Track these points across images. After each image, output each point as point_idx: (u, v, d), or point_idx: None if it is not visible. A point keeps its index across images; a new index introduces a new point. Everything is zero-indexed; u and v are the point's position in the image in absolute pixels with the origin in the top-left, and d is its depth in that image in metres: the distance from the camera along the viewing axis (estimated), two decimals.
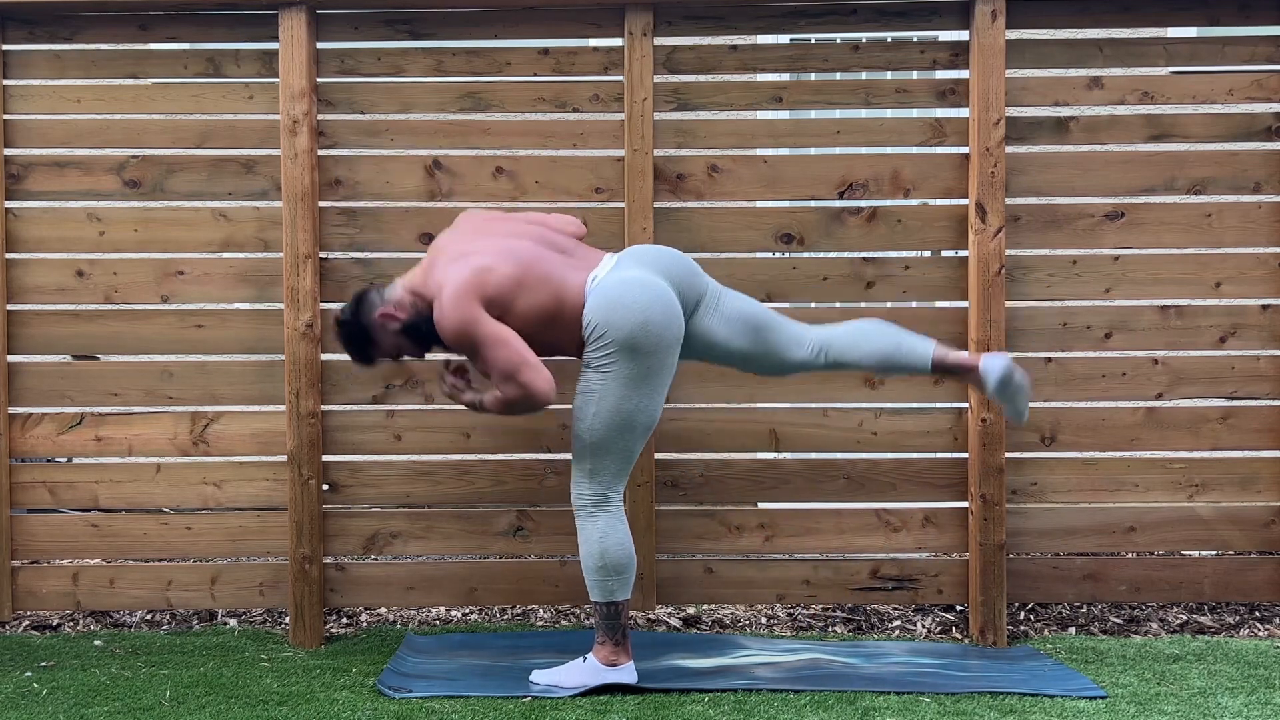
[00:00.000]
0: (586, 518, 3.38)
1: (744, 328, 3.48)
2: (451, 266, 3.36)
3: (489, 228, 3.52)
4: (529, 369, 3.29)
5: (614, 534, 3.37)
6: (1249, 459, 4.08)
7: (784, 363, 3.51)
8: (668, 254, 3.49)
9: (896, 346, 3.47)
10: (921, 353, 3.46)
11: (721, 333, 3.47)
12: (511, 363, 3.29)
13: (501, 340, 3.30)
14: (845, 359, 3.49)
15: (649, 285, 3.35)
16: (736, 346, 3.48)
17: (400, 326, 3.44)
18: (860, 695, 3.34)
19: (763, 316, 3.50)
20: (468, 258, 3.37)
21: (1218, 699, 3.32)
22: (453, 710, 3.23)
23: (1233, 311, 4.05)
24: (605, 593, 3.38)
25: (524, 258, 3.38)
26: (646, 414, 3.35)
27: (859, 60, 4.04)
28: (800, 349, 3.49)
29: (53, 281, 4.06)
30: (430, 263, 3.46)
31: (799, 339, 3.50)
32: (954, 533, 4.04)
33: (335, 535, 4.03)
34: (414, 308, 3.44)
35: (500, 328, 3.31)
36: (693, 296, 3.44)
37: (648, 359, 3.31)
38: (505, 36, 4.03)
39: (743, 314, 3.49)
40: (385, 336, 3.47)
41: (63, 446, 4.07)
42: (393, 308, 3.44)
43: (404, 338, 3.47)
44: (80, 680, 3.50)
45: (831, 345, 3.49)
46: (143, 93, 4.06)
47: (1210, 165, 4.02)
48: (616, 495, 3.40)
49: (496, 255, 3.37)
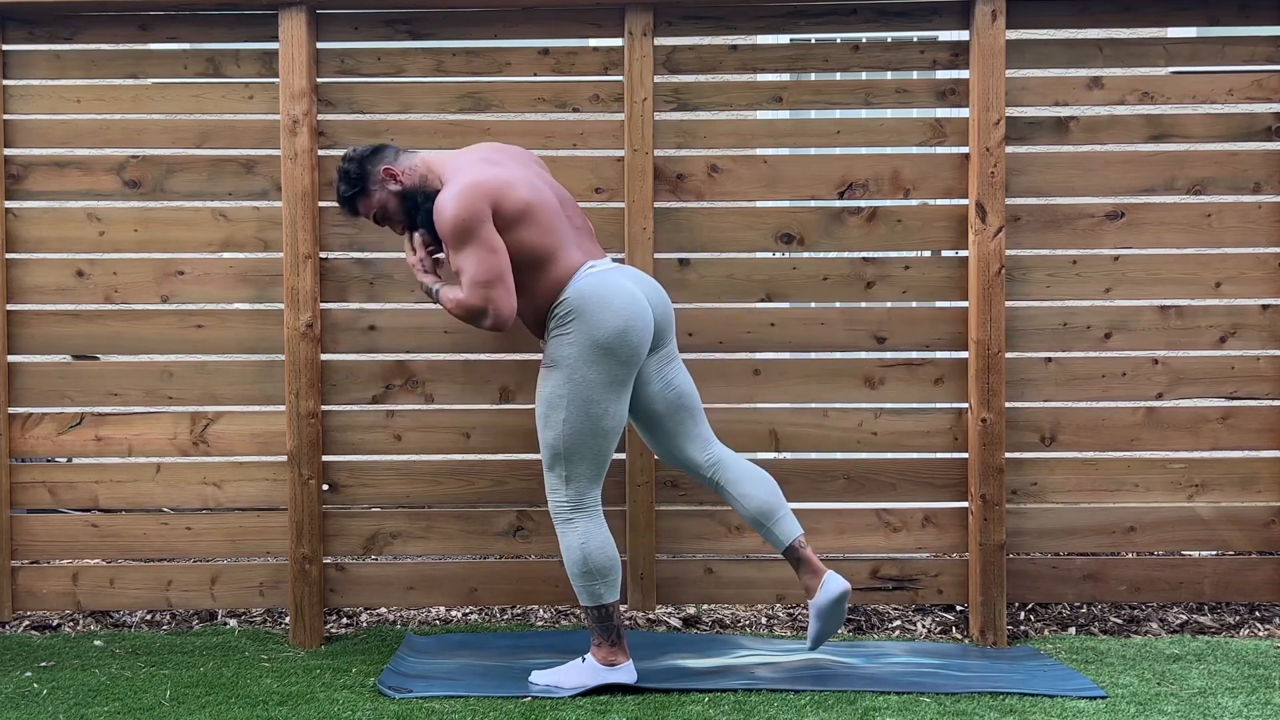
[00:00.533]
0: (565, 525, 3.39)
1: (674, 398, 3.52)
2: (479, 165, 3.39)
3: (529, 163, 3.55)
4: (503, 286, 3.28)
5: (594, 538, 3.37)
6: (1249, 459, 4.08)
7: (679, 449, 3.56)
8: (659, 291, 3.54)
9: (774, 510, 3.49)
10: (786, 531, 3.49)
11: (653, 388, 3.51)
12: (492, 272, 3.28)
13: (493, 248, 3.29)
14: (727, 487, 3.52)
15: (638, 298, 3.39)
16: (656, 408, 3.52)
17: (399, 189, 3.46)
18: (860, 695, 3.34)
19: (693, 402, 3.55)
20: (494, 165, 3.40)
21: (1218, 699, 3.32)
22: (453, 710, 3.23)
23: (1233, 311, 4.05)
24: (593, 597, 3.39)
25: (546, 201, 3.41)
26: (614, 417, 3.37)
27: (859, 60, 4.04)
28: (700, 450, 3.54)
29: (53, 281, 4.06)
30: (459, 153, 3.50)
31: (705, 441, 3.55)
32: (954, 533, 4.04)
33: (335, 535, 4.03)
34: (422, 180, 3.46)
35: (495, 238, 3.30)
36: (658, 342, 3.49)
37: (618, 366, 3.33)
38: (505, 36, 4.03)
39: (680, 389, 3.53)
40: (379, 191, 3.49)
41: (63, 446, 4.07)
42: (400, 169, 3.47)
43: (395, 201, 3.48)
44: (80, 680, 3.50)
45: (725, 466, 3.53)
46: (143, 93, 4.06)
47: (1210, 165, 4.02)
48: (594, 499, 3.40)
49: (523, 181, 3.39)
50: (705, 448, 3.55)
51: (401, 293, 4.02)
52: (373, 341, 4.03)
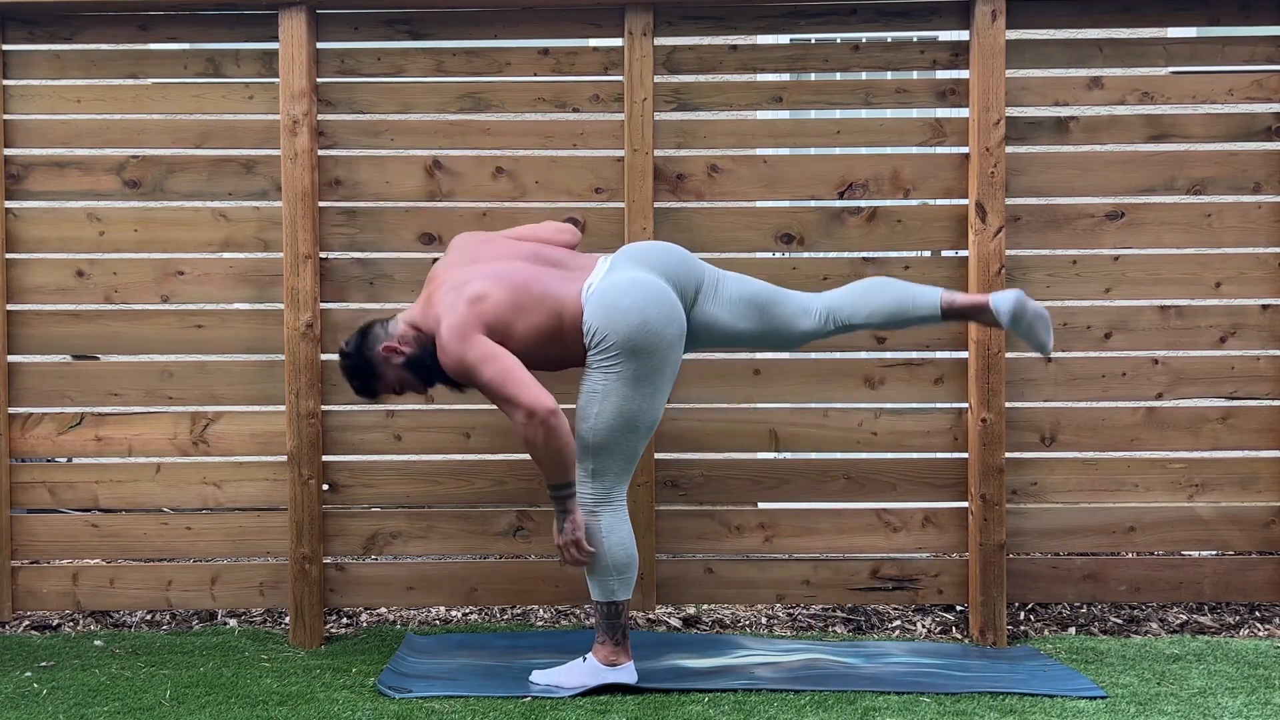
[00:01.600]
0: (589, 517, 3.38)
1: (747, 308, 3.47)
2: (448, 298, 3.38)
3: (480, 252, 3.52)
4: (515, 383, 3.27)
5: (616, 533, 3.37)
6: (1249, 459, 4.08)
7: (793, 335, 3.50)
8: (660, 248, 3.50)
9: (902, 298, 3.44)
10: (930, 301, 3.43)
11: (725, 318, 3.47)
12: (500, 379, 3.27)
13: (492, 356, 3.29)
14: (854, 320, 3.46)
15: (644, 285, 3.35)
16: (744, 328, 3.48)
17: (404, 361, 3.45)
18: (860, 695, 3.34)
19: (765, 294, 3.49)
20: (461, 288, 3.38)
21: (1218, 699, 3.32)
22: (453, 710, 3.23)
23: (1233, 311, 4.05)
24: (606, 592, 3.38)
25: (517, 280, 3.39)
26: (649, 414, 3.35)
27: (859, 60, 4.04)
28: (807, 318, 3.48)
29: (53, 281, 4.06)
30: (428, 296, 3.48)
31: (805, 308, 3.49)
32: (954, 533, 4.04)
33: (335, 535, 4.03)
34: (417, 341, 3.45)
35: (493, 347, 3.30)
36: (690, 287, 3.45)
37: (649, 358, 3.32)
38: (505, 36, 4.03)
39: (744, 295, 3.48)
40: (388, 370, 3.47)
41: (63, 446, 4.07)
42: (396, 342, 3.45)
43: (407, 372, 3.47)
44: (80, 680, 3.50)
45: (839, 309, 3.47)
46: (143, 93, 4.06)
47: (1210, 165, 4.02)
48: (620, 495, 3.40)
49: (490, 281, 3.37)
50: (810, 314, 3.47)
51: (402, 293, 4.02)
52: None
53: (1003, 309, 3.37)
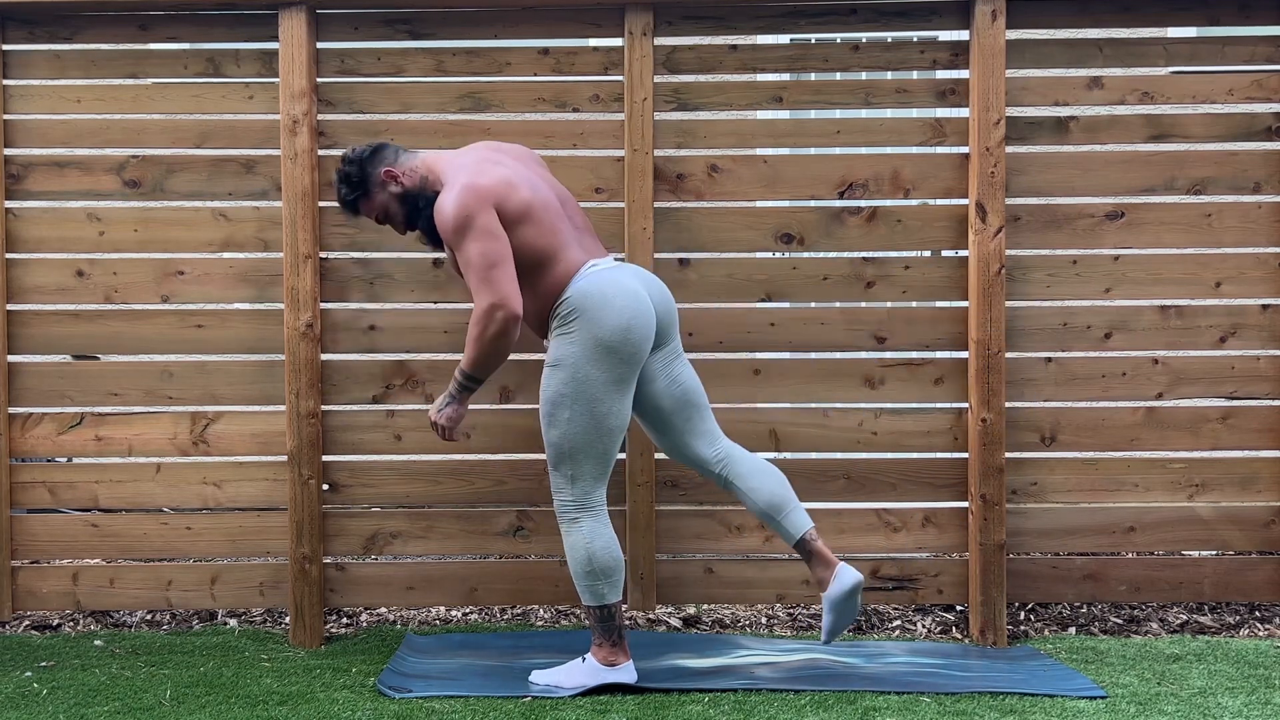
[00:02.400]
0: (570, 524, 3.38)
1: (680, 395, 3.50)
2: (479, 165, 3.36)
3: (529, 163, 3.53)
4: (500, 271, 3.24)
5: (599, 538, 3.37)
6: (1249, 459, 4.08)
7: (686, 446, 3.53)
8: (662, 289, 3.52)
9: (784, 504, 3.46)
10: (797, 525, 3.46)
11: (659, 386, 3.49)
12: (486, 260, 3.24)
13: (493, 234, 3.26)
14: (735, 482, 3.50)
15: (640, 296, 3.38)
16: (661, 404, 3.51)
17: (399, 191, 3.45)
18: (860, 695, 3.34)
19: (699, 398, 3.53)
20: (497, 165, 3.38)
21: (1218, 699, 3.32)
22: (453, 710, 3.23)
23: (1233, 311, 4.05)
24: (596, 597, 3.38)
25: (547, 201, 3.40)
26: (618, 416, 3.36)
27: (859, 60, 4.04)
28: (708, 446, 3.52)
29: (53, 281, 4.06)
30: (460, 153, 3.48)
31: (713, 436, 3.53)
32: (954, 533, 4.04)
33: (335, 535, 4.03)
34: (423, 181, 3.44)
35: (498, 229, 3.28)
36: (661, 339, 3.48)
37: (621, 365, 3.32)
38: (505, 36, 4.03)
39: (685, 385, 3.52)
40: (379, 192, 3.47)
41: (63, 446, 4.07)
42: (401, 170, 3.45)
43: (396, 203, 3.46)
44: (80, 680, 3.50)
45: (734, 461, 3.50)
46: (142, 93, 4.06)
47: (1210, 165, 4.02)
48: (599, 499, 3.40)
49: (525, 183, 3.37)
50: (713, 444, 3.53)
51: (402, 293, 4.02)
52: (373, 341, 4.03)
53: (841, 582, 3.38)
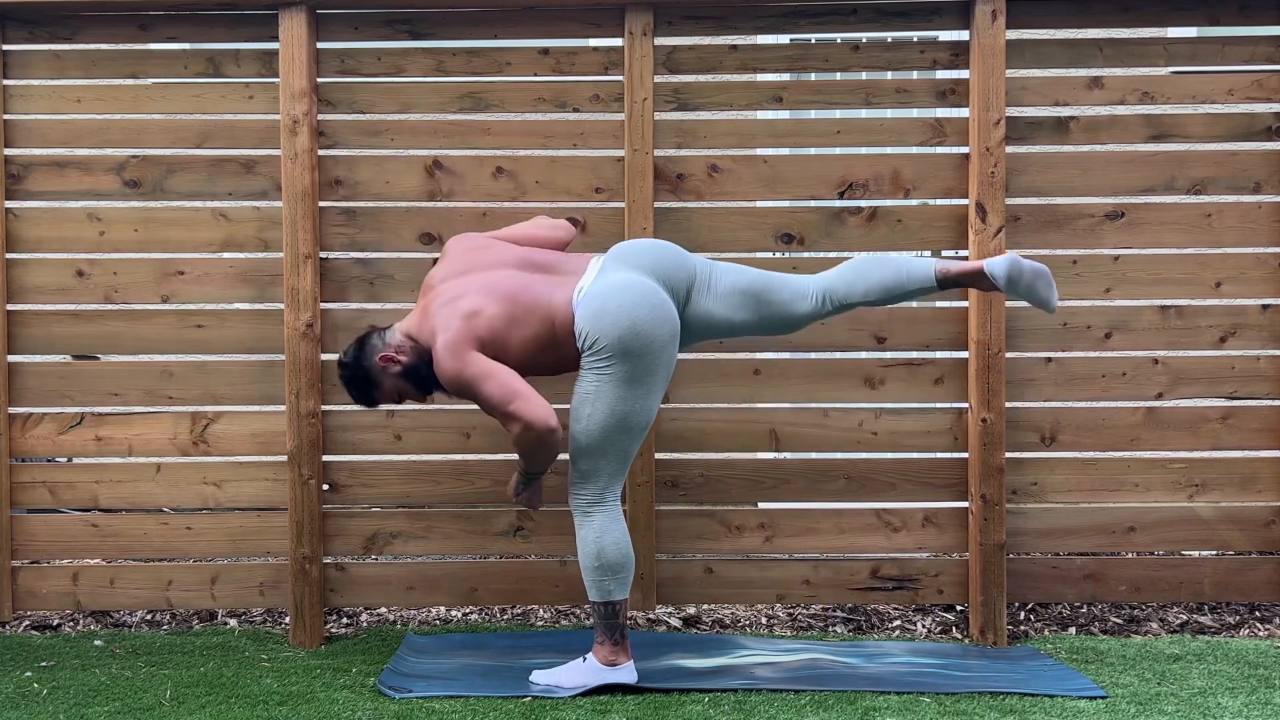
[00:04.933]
0: (583, 517, 3.39)
1: (743, 300, 3.47)
2: (443, 313, 3.40)
3: (473, 260, 3.51)
4: (520, 398, 3.29)
5: (610, 534, 3.37)
6: (1249, 459, 4.08)
7: (791, 319, 3.49)
8: (649, 246, 3.50)
9: (898, 273, 3.43)
10: (924, 272, 3.42)
11: (720, 311, 3.46)
12: (502, 395, 3.30)
13: (489, 374, 3.31)
14: (851, 298, 3.45)
15: (632, 287, 3.35)
16: (739, 320, 3.48)
17: (401, 370, 3.47)
18: (860, 695, 3.34)
19: (759, 282, 3.48)
20: (456, 303, 3.39)
21: (1218, 699, 3.32)
22: (453, 710, 3.23)
23: (1233, 311, 4.05)
24: (603, 593, 3.39)
25: (509, 291, 3.40)
26: (642, 415, 3.35)
27: (859, 60, 4.04)
28: (804, 301, 3.47)
29: (53, 281, 4.06)
30: (424, 307, 3.49)
31: (801, 292, 3.47)
32: (954, 533, 4.04)
33: (335, 535, 4.03)
34: (414, 351, 3.47)
35: (489, 363, 3.33)
36: (682, 284, 3.45)
37: (640, 360, 3.32)
38: (505, 36, 4.03)
39: (738, 287, 3.47)
40: (386, 379, 3.49)
41: (63, 446, 4.07)
42: (393, 352, 3.47)
43: (405, 381, 3.49)
44: (80, 680, 3.50)
45: (834, 289, 3.46)
46: (143, 93, 4.06)
47: (1210, 165, 4.02)
48: (614, 496, 3.40)
49: (483, 296, 3.39)
50: (806, 297, 3.46)
51: (402, 293, 4.02)
52: None
53: (998, 273, 3.36)
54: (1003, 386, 3.92)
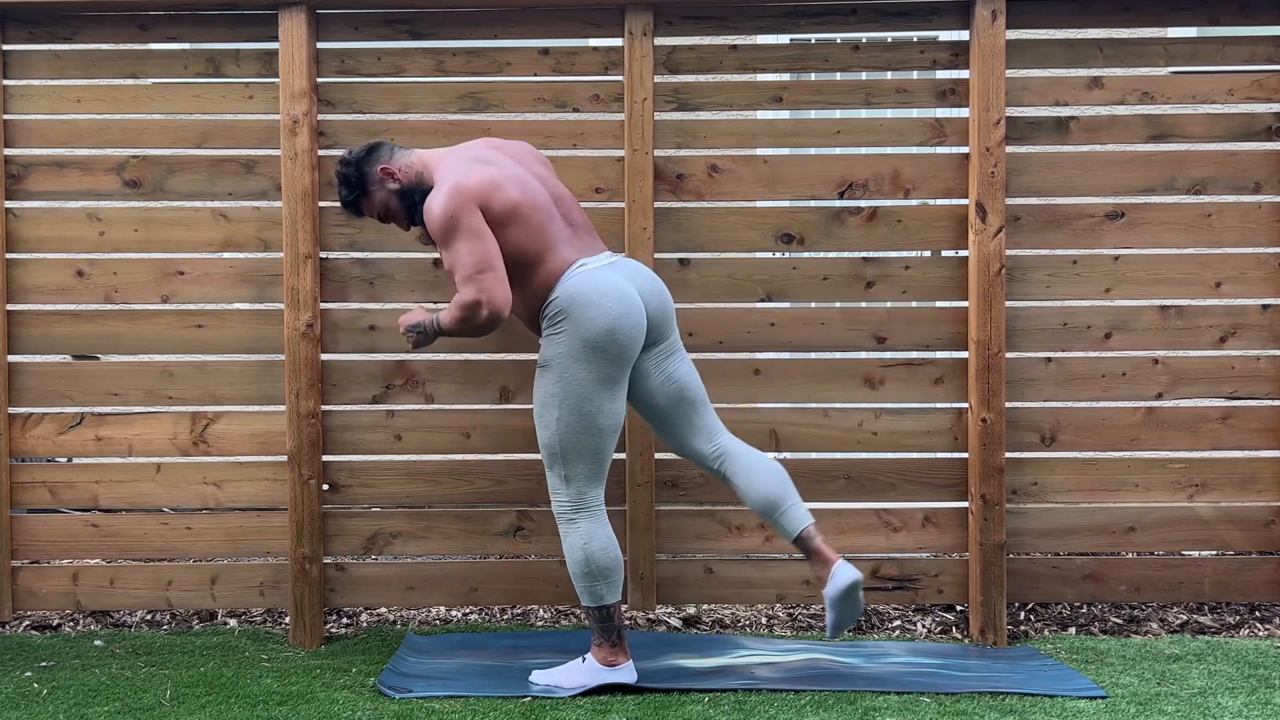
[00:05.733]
0: (568, 524, 3.39)
1: (675, 392, 3.49)
2: (468, 165, 3.39)
3: (526, 161, 3.53)
4: (492, 274, 3.27)
5: (596, 538, 3.37)
6: (1249, 459, 4.08)
7: (684, 441, 3.53)
8: (656, 285, 3.50)
9: (781, 500, 3.44)
10: (795, 521, 3.43)
11: (653, 383, 3.48)
12: (476, 261, 3.27)
13: (476, 234, 3.29)
14: (733, 478, 3.48)
15: (627, 296, 3.36)
16: (655, 401, 3.50)
17: (397, 188, 3.48)
18: (860, 695, 3.34)
19: (696, 395, 3.52)
20: (485, 165, 3.39)
21: (1218, 699, 3.32)
22: (453, 710, 3.23)
23: (1233, 311, 4.05)
24: (594, 597, 3.38)
25: (536, 200, 3.40)
26: (609, 415, 3.36)
27: (859, 60, 4.04)
28: (706, 442, 3.51)
29: (53, 281, 4.06)
30: (451, 150, 3.51)
31: (710, 431, 3.52)
32: (954, 533, 4.04)
33: (335, 535, 4.03)
34: (419, 178, 3.46)
35: (482, 226, 3.30)
36: (656, 336, 3.47)
37: (607, 364, 3.33)
38: (505, 36, 4.04)
39: (680, 381, 3.50)
40: (378, 190, 3.50)
41: (63, 446, 4.07)
42: (397, 167, 3.48)
43: (396, 199, 3.49)
44: (80, 680, 3.50)
45: (731, 457, 3.49)
46: (143, 93, 4.06)
47: (1210, 165, 4.02)
48: (596, 499, 3.40)
49: (512, 180, 3.38)
50: (711, 439, 3.52)
51: (402, 293, 4.02)
52: (373, 341, 4.03)
53: (839, 579, 3.34)
54: (1003, 386, 3.92)
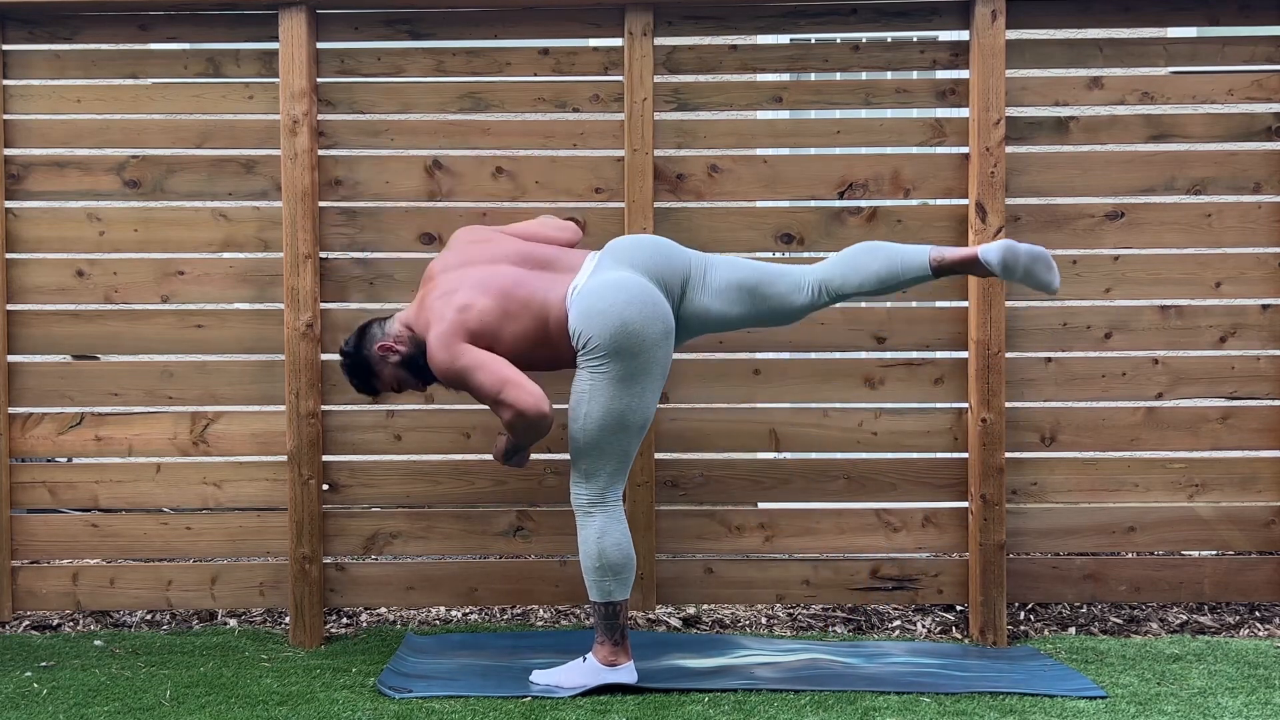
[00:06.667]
0: (584, 517, 3.39)
1: (739, 294, 3.46)
2: (438, 305, 3.43)
3: (474, 253, 3.54)
4: (511, 386, 3.31)
5: (611, 534, 3.37)
6: (1249, 459, 4.08)
7: (788, 312, 3.48)
8: (644, 243, 3.49)
9: (891, 262, 3.40)
10: (919, 260, 3.39)
11: (717, 307, 3.46)
12: (493, 384, 3.32)
13: (480, 365, 3.34)
14: (846, 289, 3.43)
15: (625, 285, 3.35)
16: (736, 314, 3.47)
17: (399, 360, 3.50)
18: (860, 695, 3.34)
19: (755, 276, 3.47)
20: (450, 296, 3.43)
21: (1218, 699, 3.32)
22: (453, 710, 3.23)
23: (1233, 311, 4.05)
24: (603, 593, 3.39)
25: (504, 286, 3.42)
26: (638, 413, 3.35)
27: (859, 60, 4.04)
28: (800, 294, 3.45)
29: (53, 281, 4.06)
30: (422, 297, 3.52)
31: (797, 284, 3.46)
32: (954, 533, 4.04)
33: (335, 535, 4.03)
34: (411, 341, 3.50)
35: (480, 354, 3.35)
36: (676, 281, 3.45)
37: (634, 359, 3.32)
38: (505, 36, 4.03)
39: (733, 281, 3.46)
40: (385, 369, 3.53)
41: (63, 446, 4.07)
42: (392, 341, 3.50)
43: (403, 370, 3.52)
44: (80, 680, 3.50)
45: (830, 280, 3.44)
46: (143, 93, 4.06)
47: (1210, 165, 4.02)
48: (615, 495, 3.40)
49: (477, 290, 3.41)
50: (802, 289, 3.44)
51: (402, 293, 4.02)
52: None
53: (992, 259, 3.33)
54: (1003, 386, 3.92)
